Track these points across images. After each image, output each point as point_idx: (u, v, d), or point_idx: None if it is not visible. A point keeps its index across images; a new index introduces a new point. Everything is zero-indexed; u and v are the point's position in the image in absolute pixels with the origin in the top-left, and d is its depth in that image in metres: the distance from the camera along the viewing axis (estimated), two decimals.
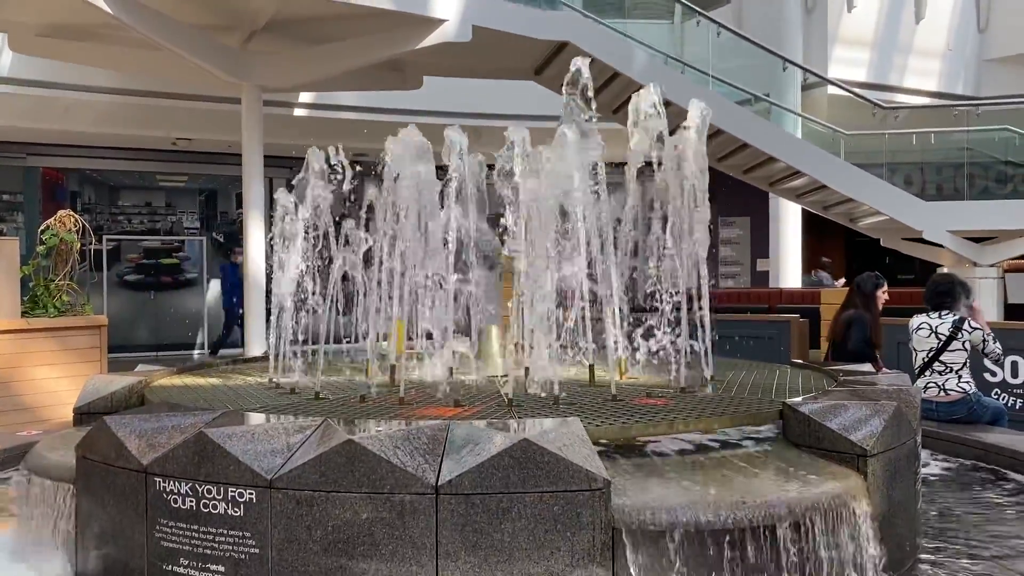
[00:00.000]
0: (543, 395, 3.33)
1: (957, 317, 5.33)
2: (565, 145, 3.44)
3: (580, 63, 3.62)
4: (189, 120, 12.20)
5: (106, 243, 13.68)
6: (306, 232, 4.18)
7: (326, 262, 4.12)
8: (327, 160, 4.09)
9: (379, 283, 3.88)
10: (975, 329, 5.29)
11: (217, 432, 2.55)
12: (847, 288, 7.79)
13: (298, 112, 12.21)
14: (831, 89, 11.74)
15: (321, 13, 8.57)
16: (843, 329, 6.37)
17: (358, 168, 4.25)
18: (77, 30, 9.01)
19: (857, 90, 11.40)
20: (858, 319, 6.32)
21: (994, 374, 6.66)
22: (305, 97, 12.05)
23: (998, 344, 5.41)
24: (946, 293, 5.43)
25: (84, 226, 6.99)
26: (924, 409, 4.77)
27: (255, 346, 9.07)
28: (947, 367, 5.29)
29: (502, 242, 3.66)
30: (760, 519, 2.41)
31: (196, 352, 14.29)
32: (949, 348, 5.27)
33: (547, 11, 9.51)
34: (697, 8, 11.40)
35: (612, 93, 9.49)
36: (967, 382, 5.31)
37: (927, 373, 5.36)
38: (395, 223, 3.70)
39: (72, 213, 6.99)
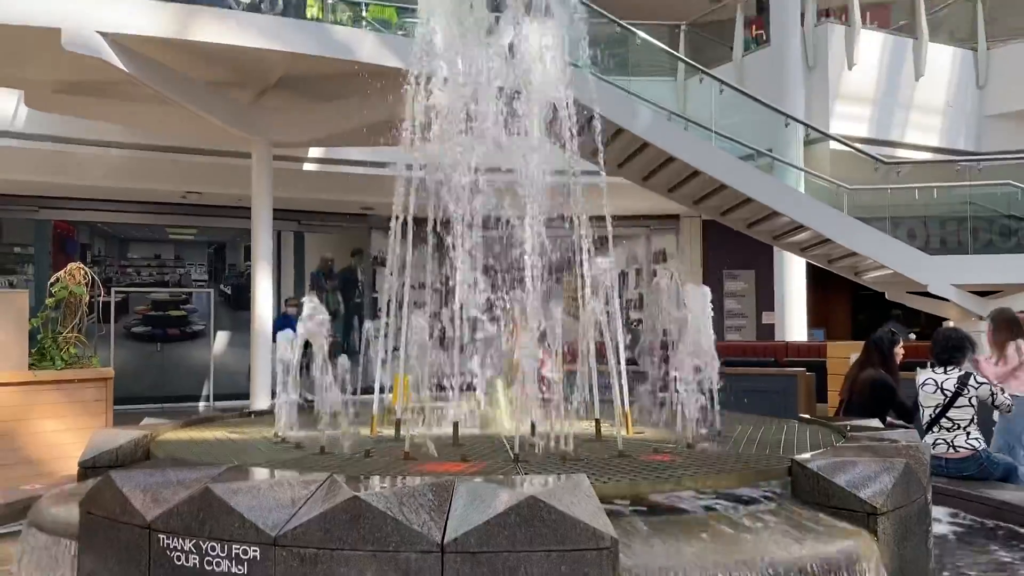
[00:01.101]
0: (550, 450, 3.31)
1: (963, 372, 5.31)
2: None
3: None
4: (200, 174, 12.37)
5: (114, 295, 13.76)
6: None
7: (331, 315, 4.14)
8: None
9: (385, 335, 3.90)
10: (981, 384, 5.27)
11: (222, 488, 2.54)
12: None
13: (307, 167, 12.38)
14: (834, 144, 11.87)
15: (331, 71, 8.75)
16: (866, 391, 6.16)
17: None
18: (92, 87, 9.20)
19: (859, 145, 11.53)
20: (883, 383, 6.08)
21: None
22: (314, 152, 12.22)
23: (1007, 395, 5.38)
24: (957, 348, 5.41)
25: (93, 278, 7.05)
26: (934, 466, 4.72)
27: (260, 399, 9.05)
28: (955, 423, 5.25)
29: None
30: None
31: (202, 404, 14.26)
32: (956, 404, 5.24)
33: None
34: (699, 66, 11.62)
35: (617, 149, 9.61)
36: (976, 438, 5.27)
37: (935, 429, 5.32)
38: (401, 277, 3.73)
39: (82, 266, 7.05)
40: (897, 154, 12.71)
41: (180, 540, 2.53)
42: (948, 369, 5.35)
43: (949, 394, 5.25)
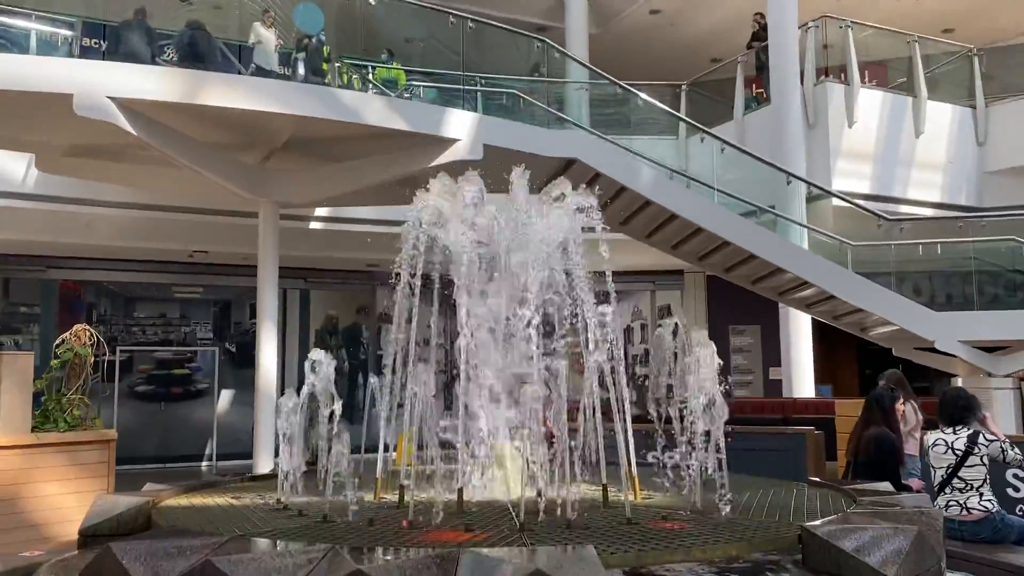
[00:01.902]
0: (556, 518, 3.26)
1: (972, 431, 5.26)
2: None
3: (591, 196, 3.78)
4: (206, 233, 12.48)
5: (119, 354, 13.77)
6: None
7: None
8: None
9: (390, 392, 3.88)
10: (991, 441, 5.21)
11: (223, 561, 2.50)
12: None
13: (313, 225, 12.48)
14: (836, 201, 11.95)
15: (338, 134, 8.88)
16: (871, 449, 6.10)
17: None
18: (102, 150, 9.35)
19: (861, 202, 11.61)
20: (888, 441, 6.03)
21: (1017, 489, 6.50)
22: (320, 211, 12.34)
23: (1016, 450, 5.31)
24: (966, 408, 5.37)
25: (99, 339, 7.07)
26: (947, 528, 4.64)
27: (263, 462, 8.98)
28: (967, 484, 5.18)
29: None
30: None
31: (205, 464, 14.14)
32: (967, 464, 5.17)
33: (555, 130, 9.84)
34: (700, 126, 11.78)
35: (620, 206, 9.69)
36: (989, 500, 5.19)
37: (947, 491, 5.24)
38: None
39: (88, 327, 7.08)
40: (899, 210, 12.79)
41: None
42: (957, 429, 5.30)
43: (960, 454, 5.20)
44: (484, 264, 3.90)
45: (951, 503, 5.19)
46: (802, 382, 12.91)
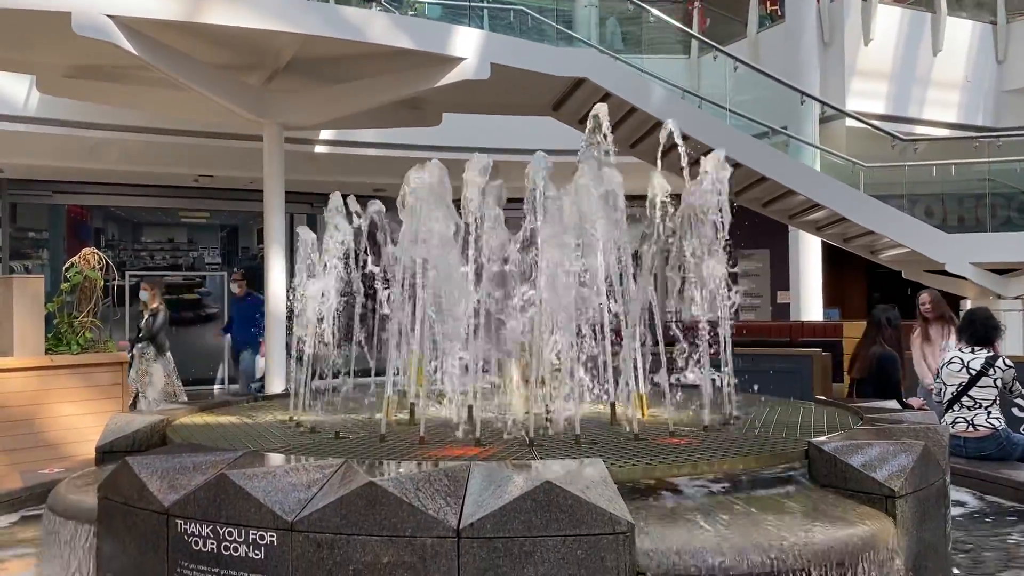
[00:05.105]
0: (564, 434, 3.30)
1: (991, 354, 5.27)
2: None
3: (599, 110, 3.68)
4: (211, 157, 12.37)
5: (128, 279, 13.83)
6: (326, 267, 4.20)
7: (348, 297, 4.14)
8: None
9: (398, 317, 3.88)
10: (1009, 367, 5.21)
11: (238, 473, 2.54)
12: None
13: (319, 149, 12.35)
14: (849, 122, 11.72)
15: (342, 53, 8.69)
16: (873, 367, 6.16)
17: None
18: (103, 71, 9.19)
19: (875, 122, 11.38)
20: (888, 359, 6.08)
21: (1022, 409, 6.54)
22: (326, 134, 12.19)
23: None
24: (994, 328, 5.38)
25: (108, 263, 7.08)
26: (952, 445, 4.68)
27: (276, 383, 9.08)
28: (976, 402, 5.22)
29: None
30: (788, 563, 2.36)
31: (217, 387, 14.33)
32: (979, 384, 5.20)
33: (565, 48, 9.60)
34: (713, 43, 11.48)
35: (630, 128, 9.53)
36: (996, 418, 5.23)
37: (955, 408, 5.28)
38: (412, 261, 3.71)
39: (96, 250, 7.08)
40: (914, 131, 12.55)
41: (198, 525, 2.54)
42: (976, 349, 5.31)
43: (974, 373, 5.21)
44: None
45: (958, 420, 5.24)
46: (810, 306, 12.91)
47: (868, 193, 10.12)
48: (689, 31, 12.78)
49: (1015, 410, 6.50)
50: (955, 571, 3.38)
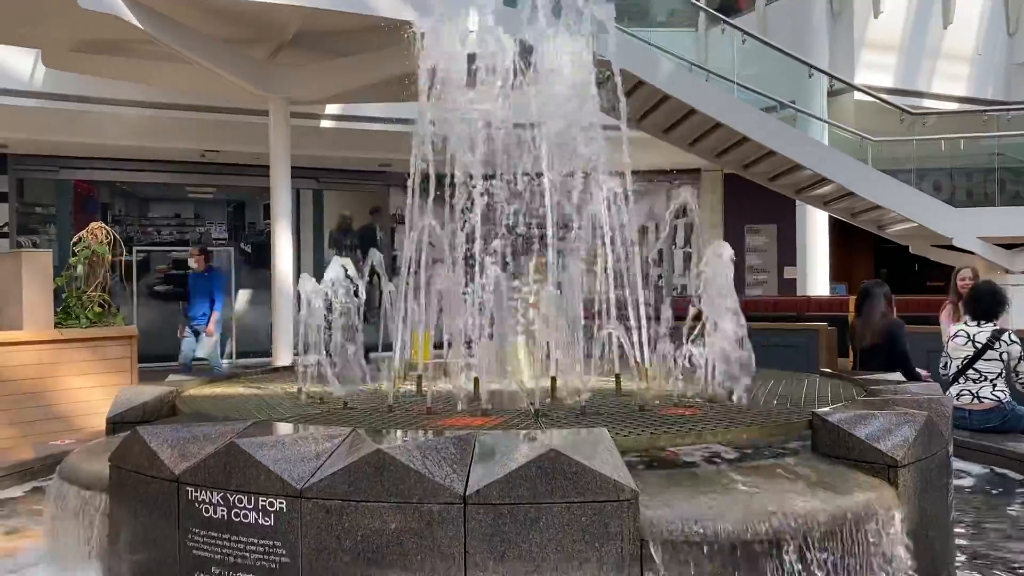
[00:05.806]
0: (569, 404, 3.33)
1: (997, 328, 5.27)
2: None
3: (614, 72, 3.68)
4: (217, 132, 12.36)
5: (136, 254, 13.87)
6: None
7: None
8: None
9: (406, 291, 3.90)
10: (1015, 342, 5.21)
11: (247, 442, 2.57)
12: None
13: (325, 123, 12.33)
14: (858, 95, 11.63)
15: (347, 26, 8.65)
16: (885, 336, 6.03)
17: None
18: (109, 45, 9.17)
19: (884, 96, 11.30)
20: (899, 328, 6.00)
21: None
22: (331, 108, 12.16)
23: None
24: (1001, 303, 5.36)
25: (115, 238, 7.11)
26: (957, 417, 4.70)
27: (283, 356, 9.15)
28: (981, 375, 5.23)
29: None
30: (791, 530, 2.39)
31: (225, 362, 14.41)
32: (985, 357, 5.20)
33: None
34: (721, 16, 11.37)
35: (637, 101, 9.47)
36: (1001, 391, 5.24)
37: (961, 380, 5.29)
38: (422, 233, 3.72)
39: (104, 225, 7.11)
40: (923, 104, 12.44)
41: (208, 493, 2.58)
42: (982, 323, 5.31)
43: (979, 346, 5.22)
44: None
45: (963, 392, 5.25)
46: (817, 281, 12.90)
47: (876, 167, 10.07)
48: (695, 2, 12.65)
49: (1020, 386, 6.51)
50: (957, 541, 3.41)
